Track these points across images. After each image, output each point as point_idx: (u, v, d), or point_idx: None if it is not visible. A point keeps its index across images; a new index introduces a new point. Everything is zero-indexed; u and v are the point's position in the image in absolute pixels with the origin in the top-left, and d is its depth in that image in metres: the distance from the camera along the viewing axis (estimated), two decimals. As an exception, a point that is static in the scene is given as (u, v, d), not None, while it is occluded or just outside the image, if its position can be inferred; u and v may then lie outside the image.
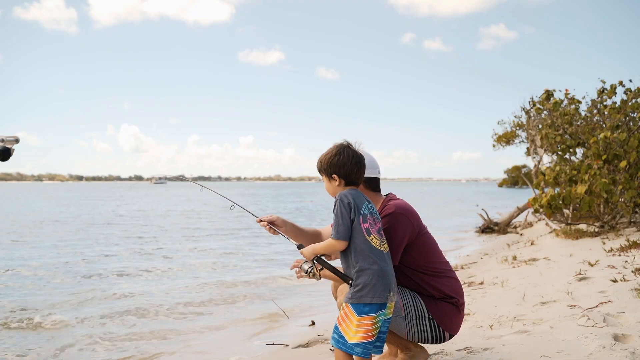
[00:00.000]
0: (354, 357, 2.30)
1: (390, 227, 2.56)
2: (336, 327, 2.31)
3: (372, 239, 2.29)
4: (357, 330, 2.24)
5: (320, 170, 2.49)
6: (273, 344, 4.10)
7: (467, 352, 2.99)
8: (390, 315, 2.36)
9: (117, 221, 20.01)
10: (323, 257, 2.48)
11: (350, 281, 2.39)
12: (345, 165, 2.39)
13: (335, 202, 2.34)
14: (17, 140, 2.24)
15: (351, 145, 2.46)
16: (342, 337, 2.28)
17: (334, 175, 2.42)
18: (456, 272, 7.19)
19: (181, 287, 7.16)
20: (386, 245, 2.36)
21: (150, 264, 9.34)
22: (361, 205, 2.32)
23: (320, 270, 2.49)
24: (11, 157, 2.29)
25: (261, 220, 2.86)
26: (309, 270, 2.47)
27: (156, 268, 8.85)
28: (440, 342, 2.71)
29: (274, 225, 2.84)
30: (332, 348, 3.59)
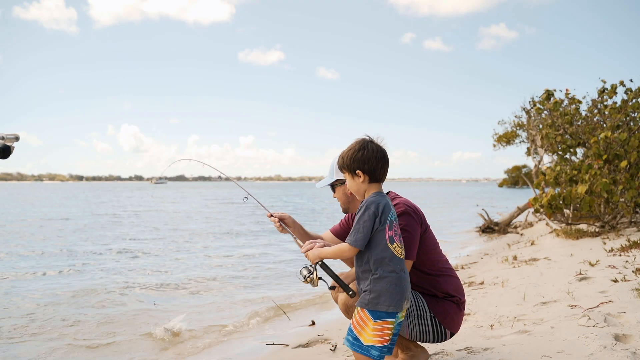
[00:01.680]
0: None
1: (405, 226, 2.54)
2: (350, 330, 2.29)
3: (395, 247, 2.23)
4: (372, 334, 2.22)
5: (342, 167, 2.37)
6: (273, 344, 4.09)
7: (468, 352, 2.98)
8: (403, 319, 2.32)
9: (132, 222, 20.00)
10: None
11: (350, 292, 2.36)
12: (370, 161, 2.28)
13: (361, 207, 2.25)
14: (17, 138, 2.23)
15: (374, 140, 2.36)
16: (357, 339, 2.25)
17: (357, 172, 2.30)
18: (456, 272, 7.20)
19: (182, 287, 7.15)
20: (403, 251, 2.31)
21: (155, 266, 9.33)
22: (388, 212, 2.24)
23: (320, 277, 2.46)
24: (11, 156, 2.28)
25: (272, 215, 2.84)
26: (307, 276, 2.43)
27: (159, 270, 8.84)
28: (441, 341, 2.71)
29: (283, 223, 2.82)
30: (332, 348, 3.59)
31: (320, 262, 2.40)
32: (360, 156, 2.29)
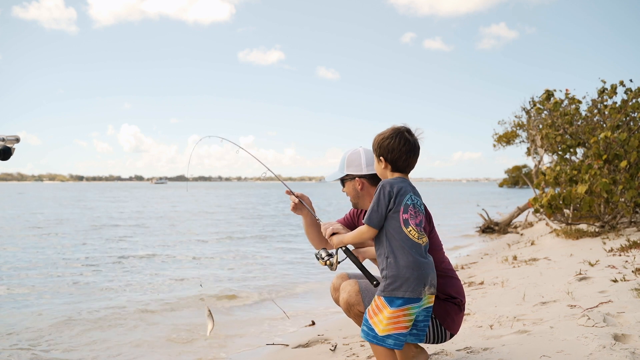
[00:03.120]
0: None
1: None
2: (366, 320, 2.25)
3: (410, 230, 2.21)
4: (388, 322, 2.17)
5: (372, 149, 2.40)
6: (273, 344, 4.10)
7: (467, 352, 2.99)
8: (430, 305, 2.30)
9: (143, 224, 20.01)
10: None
11: (374, 282, 2.35)
12: (394, 151, 2.29)
13: (378, 187, 2.27)
14: (17, 140, 2.23)
15: (409, 132, 2.33)
16: (372, 329, 2.21)
17: (381, 158, 2.33)
18: (456, 271, 7.17)
19: (180, 288, 7.16)
20: (425, 239, 2.27)
21: (154, 269, 9.34)
22: (404, 195, 2.23)
23: (339, 261, 2.46)
24: (12, 157, 2.29)
25: (292, 193, 2.82)
26: (327, 259, 2.44)
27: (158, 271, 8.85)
28: (441, 342, 2.70)
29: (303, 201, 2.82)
30: (332, 348, 3.59)
31: (344, 248, 2.42)
32: (387, 144, 2.30)
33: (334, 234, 2.51)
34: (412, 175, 2.46)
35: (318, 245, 2.86)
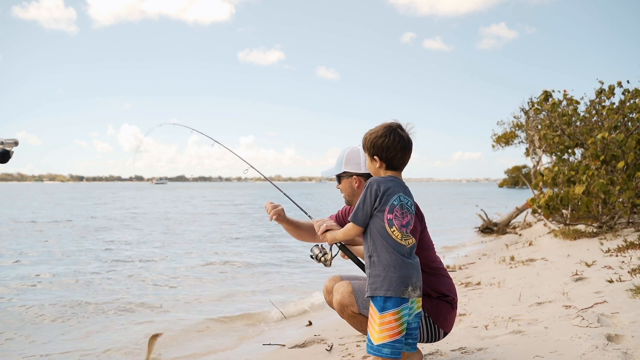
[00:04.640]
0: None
1: None
2: (368, 332, 2.25)
3: (394, 230, 2.19)
4: (380, 329, 2.15)
5: (363, 148, 2.37)
6: (269, 344, 4.12)
7: (462, 352, 3.01)
8: (420, 310, 2.29)
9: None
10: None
11: None
12: (389, 149, 2.25)
13: (366, 185, 2.26)
14: (16, 143, 2.26)
15: (401, 128, 2.30)
16: (369, 340, 2.19)
17: (375, 157, 2.30)
18: (454, 272, 7.20)
19: (176, 287, 7.18)
20: (411, 241, 2.25)
21: (153, 271, 9.36)
22: (391, 195, 2.21)
23: (333, 256, 2.47)
24: (11, 159, 2.32)
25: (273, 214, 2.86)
26: (321, 256, 2.45)
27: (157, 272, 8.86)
28: (435, 341, 2.72)
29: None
30: (328, 348, 3.61)
31: (339, 244, 2.43)
32: (381, 143, 2.26)
33: (327, 230, 2.54)
34: (412, 175, 2.49)
35: (302, 238, 2.95)
